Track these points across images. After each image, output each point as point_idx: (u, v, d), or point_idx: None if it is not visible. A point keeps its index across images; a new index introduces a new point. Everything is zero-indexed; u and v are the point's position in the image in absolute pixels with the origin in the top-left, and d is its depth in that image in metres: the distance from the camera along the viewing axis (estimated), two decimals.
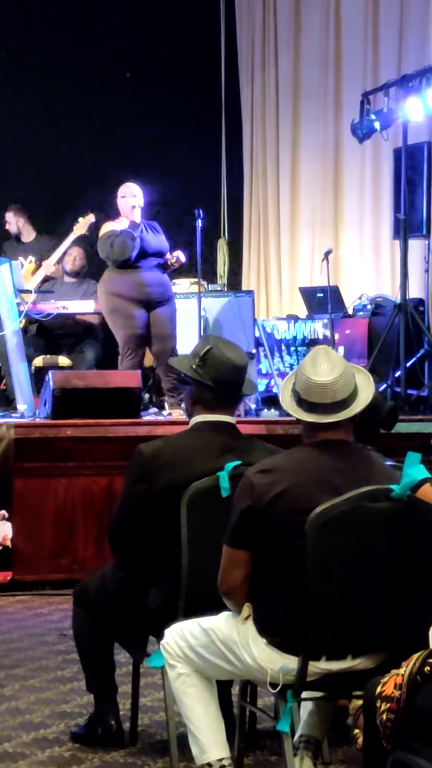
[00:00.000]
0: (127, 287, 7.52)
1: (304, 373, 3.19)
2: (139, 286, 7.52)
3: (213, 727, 3.29)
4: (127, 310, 7.54)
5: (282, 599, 3.10)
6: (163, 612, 3.56)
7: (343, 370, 3.19)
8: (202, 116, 11.16)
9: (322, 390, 3.16)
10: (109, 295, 7.62)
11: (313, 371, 3.17)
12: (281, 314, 10.46)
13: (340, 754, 3.76)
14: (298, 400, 3.20)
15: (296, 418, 3.23)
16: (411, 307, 8.15)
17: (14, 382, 7.72)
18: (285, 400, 3.26)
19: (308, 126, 11.00)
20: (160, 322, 7.59)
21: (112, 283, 7.60)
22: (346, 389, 3.19)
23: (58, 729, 4.08)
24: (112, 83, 10.76)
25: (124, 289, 7.53)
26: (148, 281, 7.54)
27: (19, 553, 6.60)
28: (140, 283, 7.52)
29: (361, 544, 3.07)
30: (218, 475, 3.50)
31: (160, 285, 7.61)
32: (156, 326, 7.58)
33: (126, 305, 7.53)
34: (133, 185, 7.73)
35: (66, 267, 9.08)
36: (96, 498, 6.71)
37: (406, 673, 2.68)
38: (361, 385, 3.24)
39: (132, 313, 7.53)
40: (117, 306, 7.58)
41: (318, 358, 3.20)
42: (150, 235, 7.61)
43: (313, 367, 3.18)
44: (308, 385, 3.17)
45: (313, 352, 3.25)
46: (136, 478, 3.64)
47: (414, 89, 8.08)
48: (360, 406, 3.22)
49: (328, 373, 3.17)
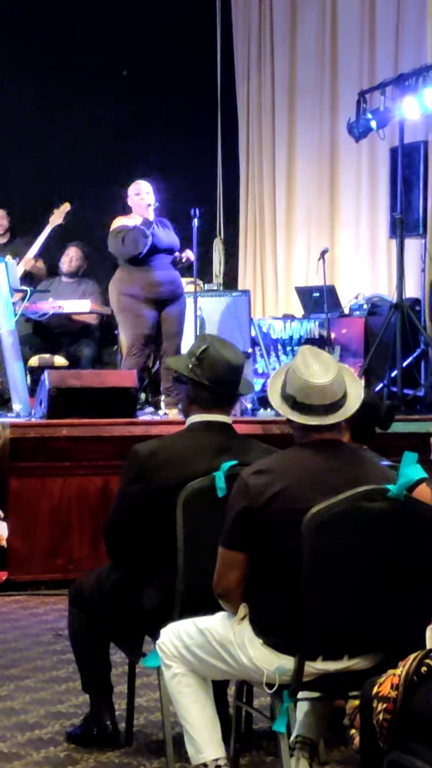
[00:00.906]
0: (138, 287, 7.57)
1: (300, 376, 3.15)
2: (150, 285, 7.56)
3: (209, 727, 3.28)
4: (137, 309, 7.60)
5: (278, 599, 3.09)
6: (159, 612, 3.55)
7: (337, 369, 3.18)
8: (197, 115, 11.16)
9: (320, 392, 3.14)
10: (120, 295, 7.68)
11: (308, 373, 3.15)
12: (277, 314, 10.46)
13: (337, 754, 3.76)
14: (292, 404, 3.17)
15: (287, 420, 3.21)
16: (407, 307, 8.15)
17: (10, 382, 7.71)
18: (276, 402, 3.23)
19: (304, 125, 10.99)
20: (169, 320, 7.65)
21: (124, 283, 7.65)
22: (341, 388, 3.19)
23: (53, 729, 4.07)
24: (108, 82, 10.75)
25: (135, 288, 7.58)
26: (159, 280, 7.57)
27: (15, 553, 6.59)
28: (152, 282, 7.56)
29: (357, 544, 3.06)
30: (214, 475, 3.49)
31: (171, 283, 7.65)
32: (165, 324, 7.65)
33: (137, 305, 7.59)
34: (145, 183, 7.77)
35: (63, 267, 9.07)
36: (91, 498, 6.70)
37: (402, 674, 2.68)
38: (348, 382, 3.24)
39: (142, 313, 7.59)
40: (128, 305, 7.63)
41: (308, 359, 3.18)
42: (161, 231, 7.63)
43: (307, 368, 3.15)
44: (305, 388, 3.14)
45: (301, 353, 3.21)
46: (131, 478, 3.63)
47: (410, 88, 8.08)
48: (355, 404, 3.22)
49: (324, 374, 3.15)
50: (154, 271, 7.57)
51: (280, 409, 3.21)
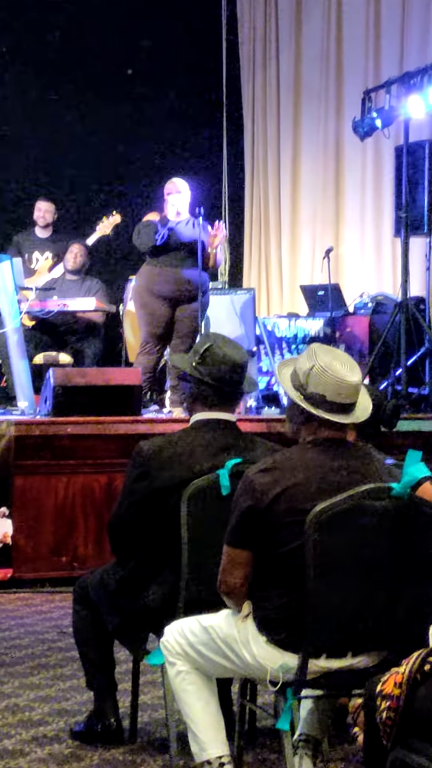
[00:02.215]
0: (157, 283, 7.62)
1: (333, 374, 3.14)
2: (169, 283, 7.60)
3: (213, 724, 3.28)
4: (153, 306, 7.64)
5: (282, 597, 3.10)
6: (163, 609, 3.56)
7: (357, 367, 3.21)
8: (203, 114, 11.16)
9: (354, 390, 3.17)
10: (140, 291, 7.75)
11: (343, 372, 3.15)
12: (282, 312, 10.46)
13: (340, 752, 3.76)
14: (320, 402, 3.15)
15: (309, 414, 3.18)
16: (412, 305, 8.14)
17: (15, 380, 7.72)
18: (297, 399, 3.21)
19: (309, 124, 10.99)
20: (183, 319, 7.66)
21: (144, 279, 7.74)
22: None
23: (57, 726, 4.07)
24: (113, 82, 10.75)
25: (155, 284, 7.64)
26: (178, 278, 7.59)
27: (20, 551, 6.59)
28: (171, 280, 7.59)
29: (361, 542, 3.07)
30: (218, 473, 3.50)
31: (189, 282, 7.64)
32: (179, 323, 7.67)
33: (153, 302, 7.64)
34: (179, 180, 7.79)
35: (67, 265, 9.08)
36: (96, 495, 6.71)
37: (406, 672, 2.68)
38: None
39: (157, 311, 7.63)
40: (146, 301, 7.71)
41: (337, 358, 3.18)
42: (183, 225, 7.62)
43: (342, 366, 3.16)
44: (339, 386, 3.14)
45: (324, 351, 3.20)
46: (136, 475, 3.63)
47: (415, 87, 8.06)
48: (368, 402, 3.25)
49: (352, 372, 3.17)
50: (173, 268, 7.60)
51: (311, 409, 3.17)
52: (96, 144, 10.47)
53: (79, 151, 10.41)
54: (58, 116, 10.47)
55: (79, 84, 10.58)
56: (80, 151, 10.41)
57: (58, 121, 10.46)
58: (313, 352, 3.21)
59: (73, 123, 10.50)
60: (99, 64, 10.63)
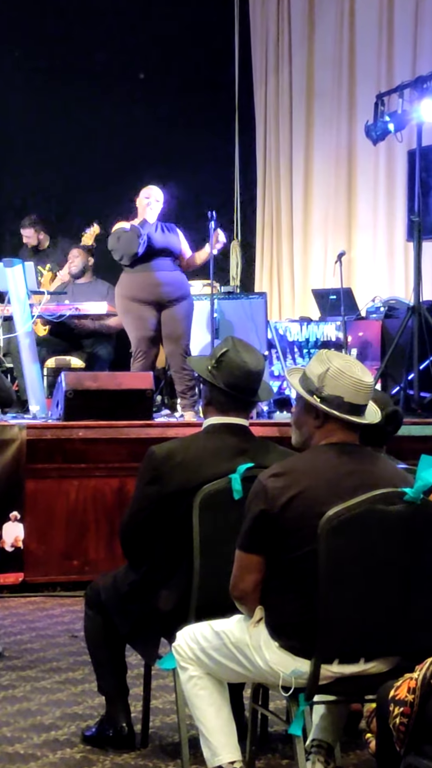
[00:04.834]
0: (138, 289, 7.54)
1: (351, 375, 3.16)
2: (150, 287, 7.53)
3: (225, 729, 3.27)
4: (138, 311, 7.57)
5: (295, 602, 3.09)
6: (175, 614, 3.55)
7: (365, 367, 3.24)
8: (215, 118, 11.18)
9: (369, 389, 3.21)
10: (122, 298, 7.67)
11: (359, 373, 3.18)
12: (294, 316, 10.45)
13: (353, 758, 3.75)
14: (339, 404, 3.16)
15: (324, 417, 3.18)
16: (424, 310, 8.12)
17: (27, 383, 7.72)
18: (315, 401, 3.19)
19: (322, 128, 10.99)
20: (171, 322, 7.59)
21: (124, 286, 7.65)
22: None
23: (69, 731, 4.07)
24: (125, 85, 10.77)
25: (136, 290, 7.55)
26: (159, 281, 7.55)
27: (31, 555, 6.59)
28: (151, 284, 7.54)
29: (374, 548, 3.05)
30: (230, 478, 3.49)
31: (171, 284, 7.60)
32: (167, 326, 7.59)
33: (138, 307, 7.56)
34: (155, 188, 7.78)
35: (72, 270, 9.10)
36: (107, 499, 6.71)
37: (419, 677, 2.67)
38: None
39: (143, 315, 7.55)
40: (130, 308, 7.62)
41: (348, 359, 3.21)
42: (159, 233, 7.61)
43: (356, 368, 3.19)
44: (356, 388, 3.16)
45: (335, 354, 3.22)
46: (148, 479, 3.63)
47: (428, 90, 8.05)
48: (375, 406, 3.28)
49: (364, 373, 3.20)
50: (153, 272, 7.56)
51: (330, 410, 3.17)
52: (104, 148, 10.48)
53: (89, 155, 10.43)
54: (72, 118, 10.50)
55: (91, 88, 10.60)
56: (91, 155, 10.42)
57: (72, 122, 10.49)
58: (325, 356, 3.22)
59: (87, 123, 10.51)
60: (111, 69, 10.65)
